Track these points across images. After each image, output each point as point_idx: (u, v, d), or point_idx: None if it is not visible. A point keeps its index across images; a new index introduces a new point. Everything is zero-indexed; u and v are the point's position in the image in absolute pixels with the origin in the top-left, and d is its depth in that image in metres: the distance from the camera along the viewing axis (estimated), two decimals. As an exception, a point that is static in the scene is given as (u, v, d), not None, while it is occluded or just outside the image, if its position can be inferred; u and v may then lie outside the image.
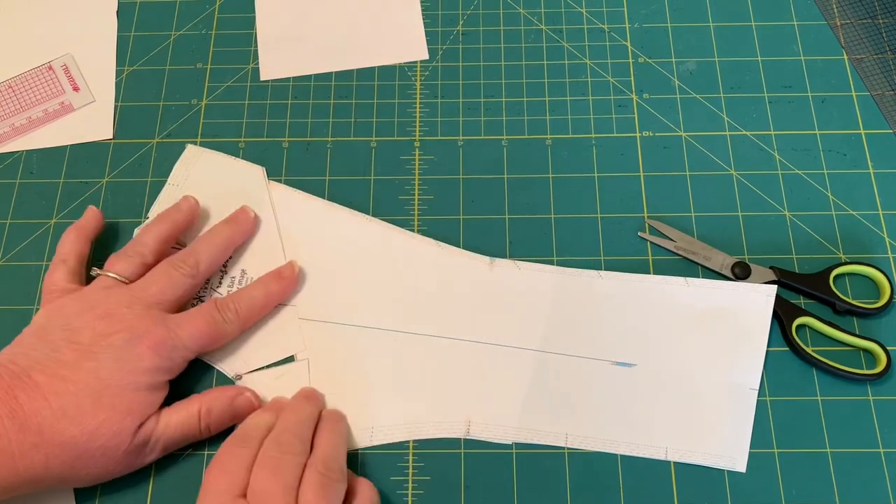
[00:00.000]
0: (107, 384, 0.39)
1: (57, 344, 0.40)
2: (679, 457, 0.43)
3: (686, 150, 0.51)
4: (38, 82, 0.54)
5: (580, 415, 0.44)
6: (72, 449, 0.38)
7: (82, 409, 0.38)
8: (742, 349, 0.45)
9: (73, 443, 0.38)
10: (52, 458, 0.38)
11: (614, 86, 0.53)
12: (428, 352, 0.46)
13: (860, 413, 0.44)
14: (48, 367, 0.39)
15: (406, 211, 0.50)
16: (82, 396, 0.38)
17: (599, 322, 0.46)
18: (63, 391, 0.38)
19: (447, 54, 0.55)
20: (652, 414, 0.44)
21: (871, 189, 0.50)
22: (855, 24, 0.55)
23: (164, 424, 0.41)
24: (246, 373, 0.45)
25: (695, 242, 0.48)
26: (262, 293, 0.45)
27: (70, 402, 0.38)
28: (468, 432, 0.44)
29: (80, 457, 0.38)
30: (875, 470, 0.43)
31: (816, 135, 0.51)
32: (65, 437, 0.38)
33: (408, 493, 0.43)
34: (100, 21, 0.57)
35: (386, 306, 0.47)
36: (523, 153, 0.51)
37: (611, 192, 0.50)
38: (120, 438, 0.39)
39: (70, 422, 0.38)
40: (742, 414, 0.44)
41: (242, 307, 0.44)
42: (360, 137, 0.52)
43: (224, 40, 0.56)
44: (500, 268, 0.48)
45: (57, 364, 0.39)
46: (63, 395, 0.38)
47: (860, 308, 0.46)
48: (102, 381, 0.39)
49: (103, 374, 0.39)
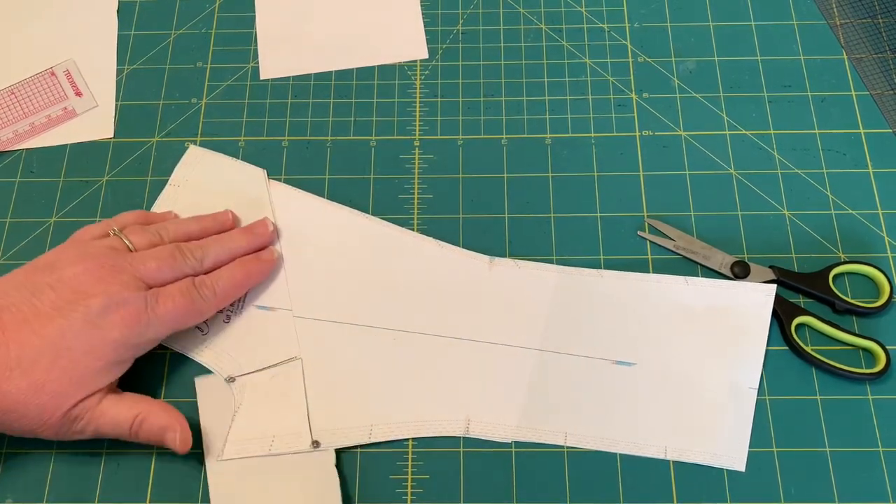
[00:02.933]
0: (69, 346, 0.39)
1: (40, 288, 0.40)
2: (678, 456, 0.43)
3: (686, 150, 0.51)
4: (40, 88, 0.54)
5: (579, 414, 0.44)
6: (11, 398, 0.38)
7: (38, 364, 0.38)
8: (741, 348, 0.45)
9: (14, 392, 0.38)
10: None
11: (614, 85, 0.53)
12: (427, 350, 0.46)
13: (859, 412, 0.44)
14: (21, 313, 0.39)
15: (406, 210, 0.50)
16: (42, 352, 0.39)
17: (599, 321, 0.46)
18: (26, 342, 0.39)
19: (447, 53, 0.55)
20: (651, 413, 0.44)
21: (870, 188, 0.50)
22: (854, 23, 0.55)
23: (100, 411, 0.40)
24: (239, 375, 0.45)
25: (694, 242, 0.48)
26: (242, 272, 0.45)
27: (28, 354, 0.38)
28: (467, 431, 0.44)
29: (16, 408, 0.38)
30: (874, 469, 0.43)
31: (816, 134, 0.51)
32: (10, 385, 0.38)
33: (407, 492, 0.43)
34: (100, 22, 0.57)
35: (385, 305, 0.47)
36: (523, 152, 0.51)
37: (610, 192, 0.50)
38: (59, 402, 0.39)
39: (21, 372, 0.38)
40: (741, 413, 0.44)
41: (220, 285, 0.44)
42: (359, 136, 0.52)
43: (224, 39, 0.56)
44: (499, 267, 0.48)
45: (31, 311, 0.39)
46: (25, 346, 0.38)
47: (859, 307, 0.46)
48: (66, 343, 0.39)
49: (69, 336, 0.39)
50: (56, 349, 0.39)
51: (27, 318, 0.39)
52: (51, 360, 0.39)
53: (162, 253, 0.43)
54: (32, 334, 0.39)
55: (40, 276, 0.41)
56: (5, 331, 0.39)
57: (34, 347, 0.39)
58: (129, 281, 0.41)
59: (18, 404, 0.38)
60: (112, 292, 0.40)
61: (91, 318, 0.40)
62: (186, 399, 0.45)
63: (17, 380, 0.38)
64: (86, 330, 0.39)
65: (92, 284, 0.40)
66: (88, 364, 0.39)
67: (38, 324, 0.39)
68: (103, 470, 0.44)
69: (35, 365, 0.38)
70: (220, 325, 0.46)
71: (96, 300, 0.40)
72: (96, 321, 0.40)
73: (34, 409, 0.39)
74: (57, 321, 0.39)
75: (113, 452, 0.44)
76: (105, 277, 0.41)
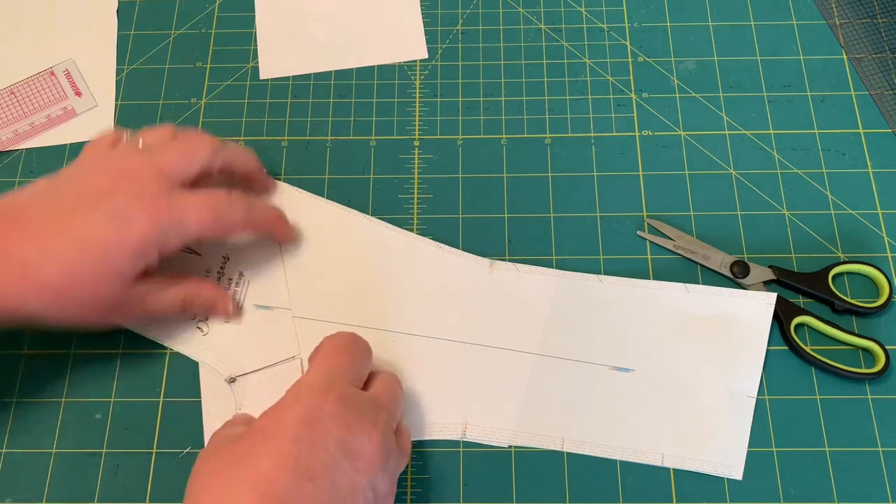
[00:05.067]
0: (96, 238, 0.39)
1: (63, 191, 0.40)
2: (676, 463, 0.43)
3: (685, 150, 0.51)
4: (40, 88, 0.54)
5: (577, 419, 0.44)
6: (52, 291, 0.39)
7: (69, 254, 0.39)
8: (741, 356, 0.45)
9: (53, 285, 0.38)
10: (32, 297, 0.38)
11: (614, 85, 0.53)
12: (425, 353, 0.46)
13: (859, 412, 0.44)
14: (45, 211, 0.39)
15: (405, 210, 0.50)
16: (71, 244, 0.39)
17: (598, 327, 0.46)
18: (53, 232, 0.39)
19: (446, 53, 0.55)
20: (649, 420, 0.44)
21: (870, 188, 0.50)
22: (854, 23, 0.55)
23: (149, 296, 0.42)
24: (240, 375, 0.45)
25: (694, 241, 0.48)
26: (277, 214, 0.46)
27: (58, 245, 0.39)
28: (465, 435, 0.44)
29: (59, 300, 0.39)
30: (873, 468, 0.43)
31: (815, 134, 0.51)
32: (46, 278, 0.38)
33: (406, 492, 0.43)
34: (100, 22, 0.57)
35: (384, 307, 0.47)
36: (523, 152, 0.51)
37: (610, 192, 0.50)
38: (100, 289, 0.39)
39: (54, 264, 0.38)
40: (740, 421, 0.44)
41: (258, 209, 0.45)
42: (359, 136, 0.52)
43: (224, 39, 0.56)
44: (499, 270, 0.48)
45: (54, 209, 0.40)
46: (52, 237, 0.39)
47: (859, 307, 0.46)
48: (93, 235, 0.39)
49: (95, 228, 0.39)
50: (84, 241, 0.39)
51: (51, 215, 0.39)
52: (81, 252, 0.39)
53: (180, 144, 0.44)
54: (59, 229, 0.39)
55: (62, 181, 0.41)
56: (30, 225, 0.39)
57: (61, 240, 0.39)
58: (152, 176, 0.41)
59: (60, 297, 0.39)
60: (138, 190, 0.40)
61: (116, 212, 0.40)
62: (187, 399, 0.45)
63: (52, 271, 0.38)
64: (111, 224, 0.39)
65: (115, 184, 0.40)
66: (118, 256, 0.39)
67: (62, 219, 0.39)
68: (103, 470, 0.44)
69: (66, 256, 0.39)
70: (221, 325, 0.46)
71: (122, 196, 0.40)
72: (121, 215, 0.40)
73: (76, 302, 0.39)
74: (81, 216, 0.39)
75: (113, 452, 0.44)
76: (128, 177, 0.41)
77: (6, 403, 0.45)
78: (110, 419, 0.45)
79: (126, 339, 0.47)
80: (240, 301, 0.47)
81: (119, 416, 0.45)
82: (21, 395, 0.46)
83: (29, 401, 0.45)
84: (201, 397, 0.45)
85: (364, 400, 0.37)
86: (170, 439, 0.44)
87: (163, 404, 0.45)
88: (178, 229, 0.41)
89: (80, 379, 0.46)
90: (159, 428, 0.45)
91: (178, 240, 0.41)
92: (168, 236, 0.41)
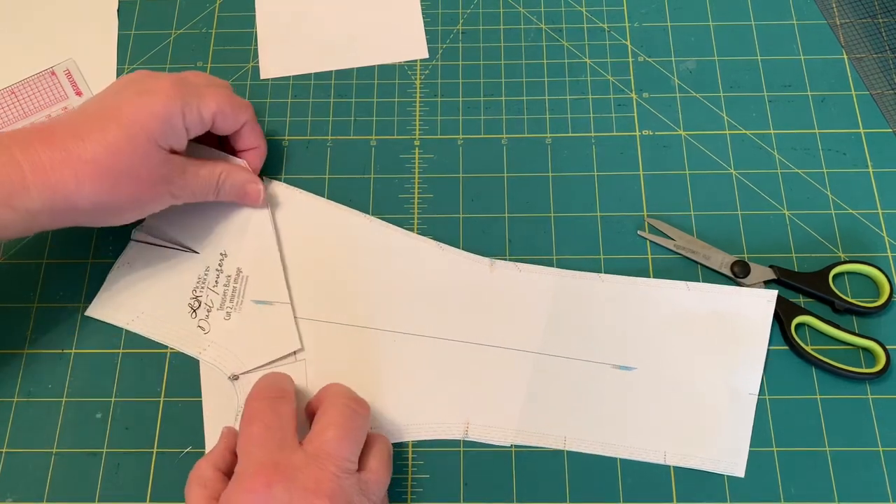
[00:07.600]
0: (126, 113, 0.41)
1: (82, 108, 0.43)
2: (678, 461, 0.43)
3: (686, 149, 0.51)
4: (41, 88, 0.54)
5: (579, 418, 0.44)
6: (96, 166, 0.40)
7: (105, 129, 0.41)
8: (742, 354, 0.45)
9: (97, 159, 0.40)
10: (81, 175, 0.40)
11: (614, 85, 0.53)
12: (427, 353, 0.46)
13: (859, 412, 0.44)
14: (70, 126, 0.41)
15: (406, 209, 0.50)
16: (102, 119, 0.41)
17: (600, 325, 0.46)
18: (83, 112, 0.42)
19: (447, 53, 0.55)
20: (651, 418, 0.44)
21: (870, 188, 0.50)
22: (855, 23, 0.55)
23: (187, 176, 0.44)
24: (242, 373, 0.45)
25: (694, 241, 0.48)
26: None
27: (91, 120, 0.41)
28: (466, 434, 0.44)
29: (105, 175, 0.40)
30: (874, 468, 0.43)
31: (816, 134, 0.51)
32: (89, 153, 0.40)
33: (407, 492, 0.43)
34: (101, 22, 0.57)
35: (385, 307, 0.47)
36: (523, 152, 0.51)
37: (610, 191, 0.50)
38: (143, 158, 0.41)
39: (94, 142, 0.40)
40: (741, 419, 0.44)
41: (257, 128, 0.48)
42: (359, 136, 0.52)
43: (224, 39, 0.56)
44: (500, 270, 0.48)
45: (78, 124, 0.41)
46: (82, 116, 0.42)
47: (859, 307, 0.46)
48: (123, 112, 0.41)
49: (124, 106, 0.42)
50: (115, 115, 0.41)
51: (77, 130, 0.41)
52: (116, 124, 0.41)
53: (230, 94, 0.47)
54: (82, 140, 0.40)
55: (89, 107, 0.43)
56: (59, 140, 0.40)
57: (91, 116, 0.41)
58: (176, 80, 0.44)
59: (107, 171, 0.40)
60: (157, 86, 0.43)
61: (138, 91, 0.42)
62: (187, 399, 0.45)
63: (93, 146, 0.40)
64: (135, 98, 0.42)
65: (138, 92, 0.43)
66: (150, 125, 0.41)
67: (86, 132, 0.41)
68: (103, 470, 0.44)
69: (103, 131, 0.40)
70: (221, 323, 0.46)
71: (144, 80, 0.43)
72: (143, 91, 0.42)
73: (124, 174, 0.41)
74: (108, 100, 0.42)
75: (113, 452, 0.44)
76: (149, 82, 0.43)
77: (6, 403, 0.45)
78: (111, 419, 0.45)
79: (126, 339, 0.47)
80: (240, 298, 0.47)
81: (119, 416, 0.45)
82: (21, 395, 0.46)
83: (29, 400, 0.45)
84: (202, 396, 0.45)
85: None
86: (170, 439, 0.44)
87: (163, 404, 0.45)
88: (197, 100, 0.44)
89: (81, 378, 0.46)
90: (160, 428, 0.45)
91: (197, 113, 0.44)
92: (189, 106, 0.43)
